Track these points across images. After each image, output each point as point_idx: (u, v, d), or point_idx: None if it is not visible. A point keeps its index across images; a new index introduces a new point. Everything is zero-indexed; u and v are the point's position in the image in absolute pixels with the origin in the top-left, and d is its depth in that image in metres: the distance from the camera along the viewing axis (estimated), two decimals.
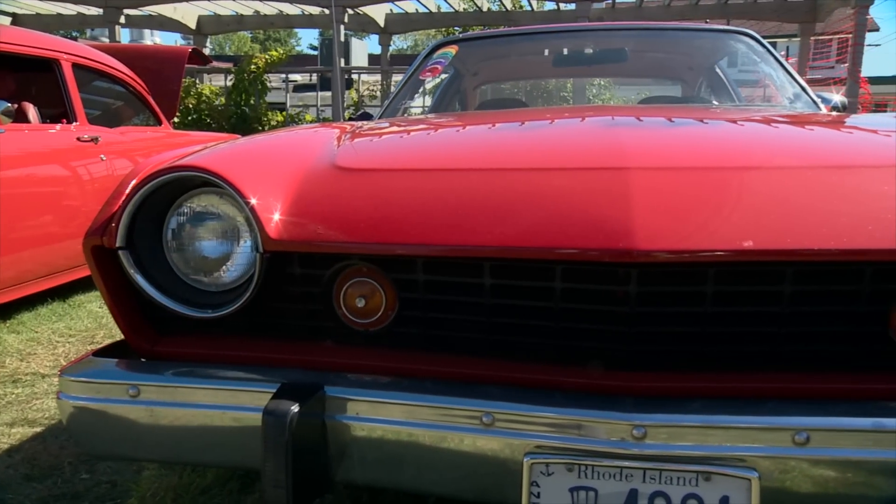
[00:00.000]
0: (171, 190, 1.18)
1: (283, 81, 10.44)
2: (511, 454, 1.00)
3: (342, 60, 9.49)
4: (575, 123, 1.56)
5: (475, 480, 1.06)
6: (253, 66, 9.38)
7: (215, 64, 10.44)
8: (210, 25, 12.39)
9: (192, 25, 12.11)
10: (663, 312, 1.05)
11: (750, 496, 0.94)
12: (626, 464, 0.97)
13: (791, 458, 0.94)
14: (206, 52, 12.05)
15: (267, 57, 9.53)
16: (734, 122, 1.61)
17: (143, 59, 5.03)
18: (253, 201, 1.12)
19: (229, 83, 9.60)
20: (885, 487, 0.95)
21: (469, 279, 1.10)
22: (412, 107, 2.88)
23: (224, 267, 1.19)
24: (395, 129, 1.79)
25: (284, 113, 9.69)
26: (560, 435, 0.99)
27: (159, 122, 4.72)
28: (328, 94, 9.87)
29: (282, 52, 9.80)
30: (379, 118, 2.66)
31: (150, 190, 1.15)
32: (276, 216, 1.13)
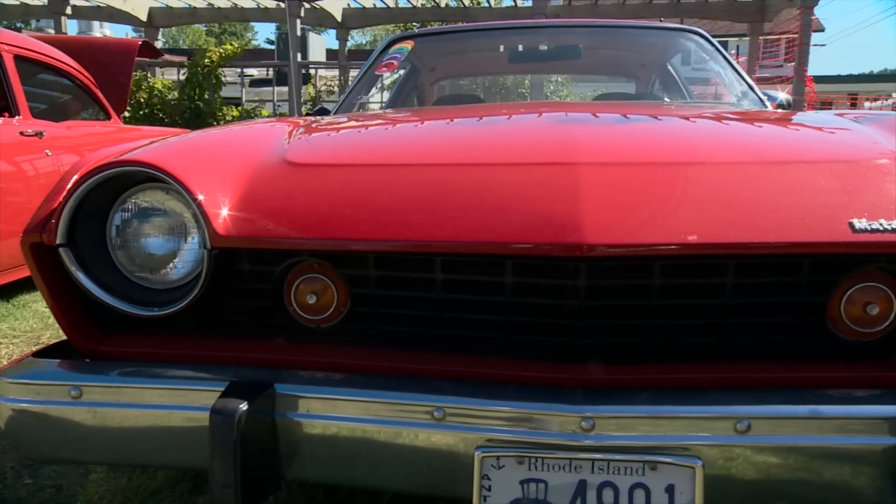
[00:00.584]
0: (114, 185, 1.15)
1: (239, 76, 10.26)
2: (462, 448, 1.01)
3: (299, 55, 9.36)
4: (527, 119, 1.57)
5: (428, 475, 1.06)
6: (207, 60, 9.18)
7: (167, 57, 10.20)
8: (162, 18, 12.09)
9: (143, 17, 11.80)
10: (611, 306, 1.07)
11: (694, 484, 0.96)
12: (575, 455, 0.98)
13: (733, 446, 0.96)
14: (159, 45, 11.77)
15: (221, 51, 9.34)
16: (682, 118, 1.64)
17: (91, 52, 4.88)
18: (200, 197, 1.10)
19: (182, 77, 9.40)
20: (824, 472, 0.99)
21: (420, 274, 1.10)
22: (368, 102, 2.87)
23: (171, 264, 1.17)
24: (348, 124, 1.77)
25: (240, 108, 9.52)
26: (510, 428, 1.00)
27: (108, 117, 4.59)
28: (285, 89, 9.73)
29: (237, 45, 9.63)
30: (334, 114, 2.64)
31: (93, 185, 1.11)
32: (225, 212, 1.11)
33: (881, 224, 0.99)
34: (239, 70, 10.11)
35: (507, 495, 1.00)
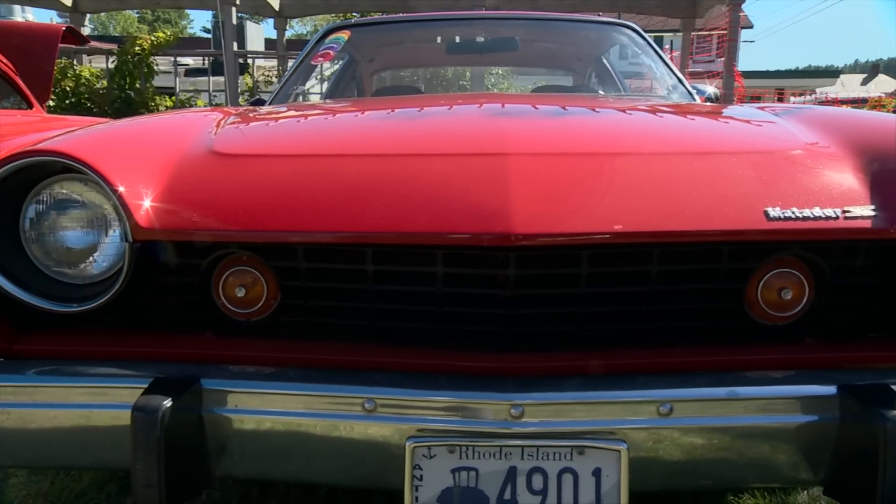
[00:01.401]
0: (28, 176, 1.10)
1: (173, 65, 9.94)
2: (394, 439, 1.01)
3: (235, 44, 9.13)
4: (460, 111, 1.58)
5: (360, 467, 1.05)
6: (137, 48, 8.86)
7: (94, 44, 9.80)
8: (88, 3, 11.55)
9: (68, 2, 11.26)
10: (541, 294, 1.08)
11: (619, 466, 0.98)
12: (505, 442, 0.99)
13: (656, 429, 0.99)
14: (86, 31, 11.27)
15: (153, 38, 9.03)
16: (612, 110, 1.67)
17: (10, 37, 4.64)
18: (121, 188, 1.06)
19: (112, 65, 9.05)
20: (743, 451, 1.03)
21: (352, 266, 1.09)
22: (304, 93, 2.82)
23: (90, 258, 1.13)
24: (279, 114, 1.74)
25: (174, 98, 9.23)
26: (441, 418, 1.00)
27: (30, 106, 4.38)
28: (222, 79, 9.48)
29: (169, 33, 9.33)
30: (269, 104, 2.59)
31: (4, 175, 1.06)
32: (147, 203, 1.08)
33: (794, 212, 1.04)
34: (173, 59, 9.80)
35: (438, 484, 1.00)
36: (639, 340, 1.12)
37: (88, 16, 11.91)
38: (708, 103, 2.60)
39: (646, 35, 2.92)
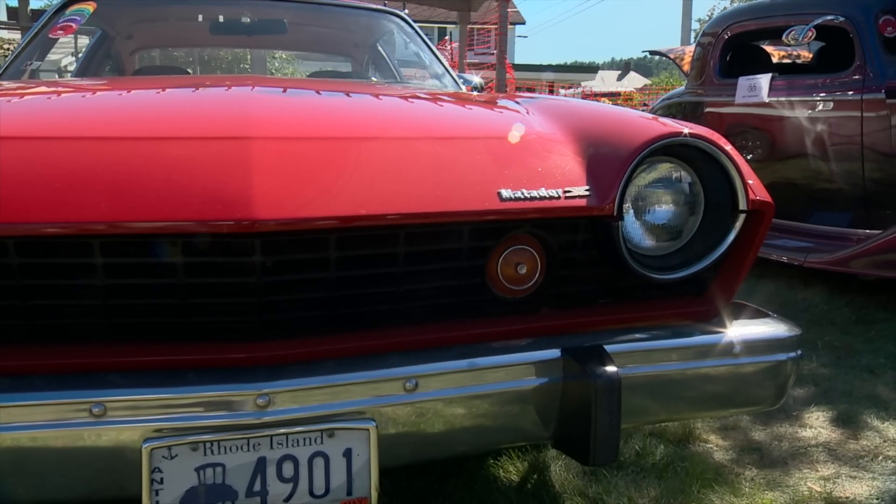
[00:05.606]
0: None
1: None
2: (128, 443, 0.94)
3: None
4: (210, 93, 1.50)
5: (99, 479, 0.97)
6: None
7: None
8: None
9: None
10: (291, 280, 1.07)
11: (369, 445, 1.01)
12: (253, 434, 0.97)
13: (402, 405, 1.03)
14: None
15: None
16: (369, 96, 1.70)
17: None
18: None
19: None
20: (487, 415, 1.10)
21: (77, 260, 0.99)
22: (41, 69, 2.51)
23: None
24: None
25: None
26: (182, 415, 0.95)
27: None
28: None
29: None
30: None
31: None
32: None
33: (523, 193, 1.12)
34: None
35: (181, 485, 0.95)
36: (391, 320, 1.15)
37: None
38: (474, 92, 2.75)
39: (414, 24, 3.00)
